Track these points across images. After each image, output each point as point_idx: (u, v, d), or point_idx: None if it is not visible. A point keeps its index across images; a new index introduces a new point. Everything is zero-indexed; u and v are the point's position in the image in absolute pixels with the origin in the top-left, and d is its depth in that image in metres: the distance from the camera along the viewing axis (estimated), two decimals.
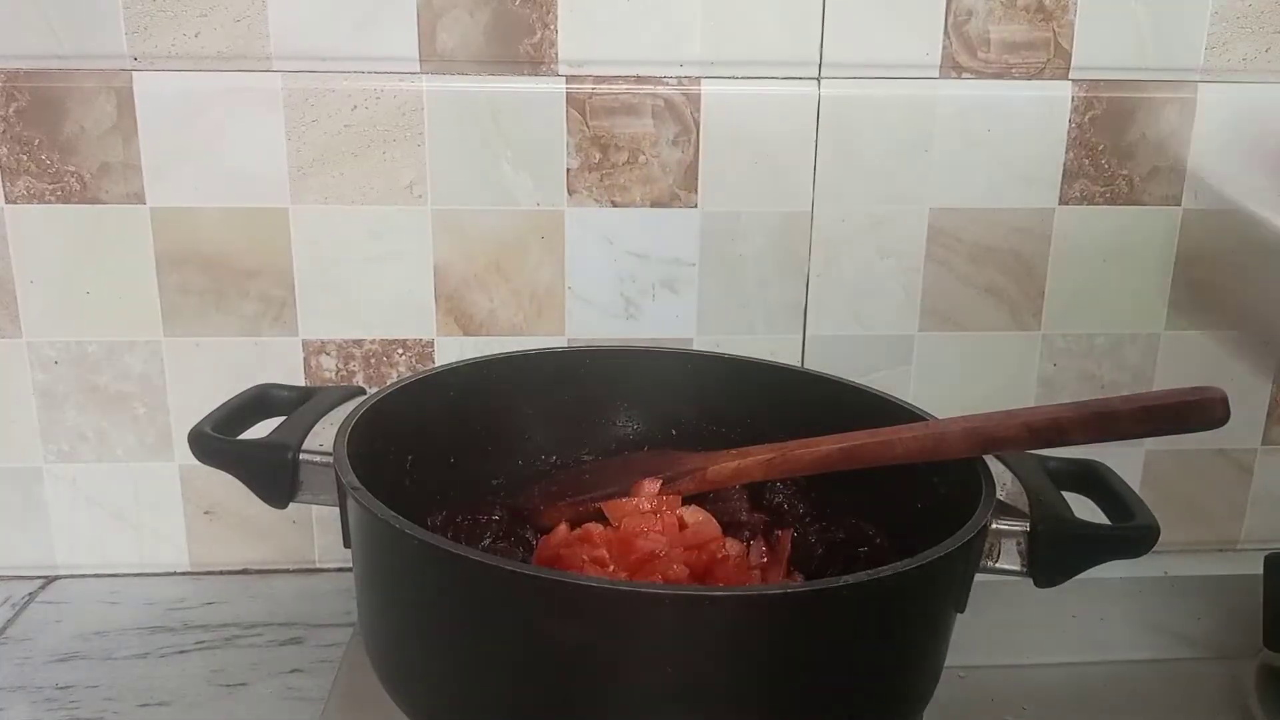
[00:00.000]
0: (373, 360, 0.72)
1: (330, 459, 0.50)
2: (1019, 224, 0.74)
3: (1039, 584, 0.49)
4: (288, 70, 0.67)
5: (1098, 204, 0.74)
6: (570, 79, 0.69)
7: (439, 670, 0.46)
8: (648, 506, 0.59)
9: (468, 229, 0.71)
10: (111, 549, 0.74)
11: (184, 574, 0.75)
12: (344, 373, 0.72)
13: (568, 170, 0.70)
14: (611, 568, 0.54)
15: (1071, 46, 0.71)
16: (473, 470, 0.64)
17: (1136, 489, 0.53)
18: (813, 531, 0.60)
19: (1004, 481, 0.52)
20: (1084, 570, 0.49)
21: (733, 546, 0.58)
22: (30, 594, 0.72)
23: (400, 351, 0.72)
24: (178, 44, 0.66)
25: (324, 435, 0.53)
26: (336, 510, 0.51)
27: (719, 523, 0.59)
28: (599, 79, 0.69)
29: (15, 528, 0.73)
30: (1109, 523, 0.51)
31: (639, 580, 0.53)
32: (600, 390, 0.67)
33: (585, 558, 0.54)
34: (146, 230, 0.69)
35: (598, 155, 0.70)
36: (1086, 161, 0.73)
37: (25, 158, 0.67)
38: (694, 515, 0.59)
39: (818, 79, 0.70)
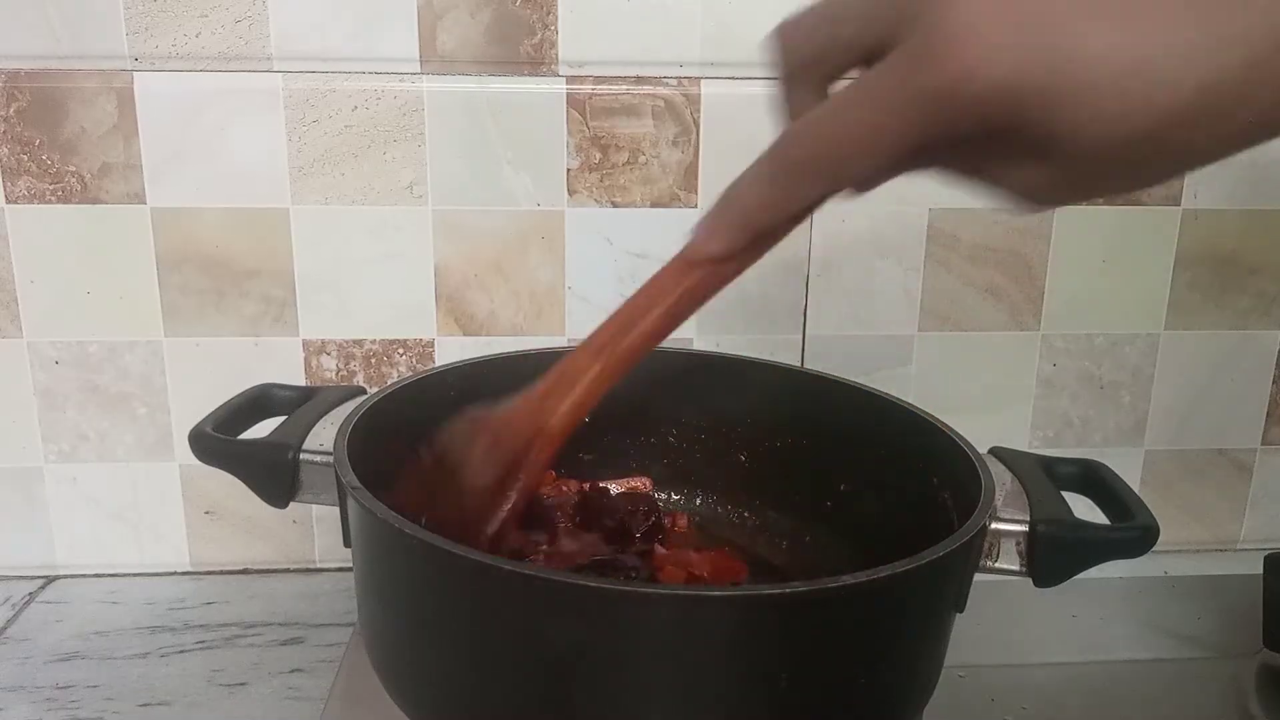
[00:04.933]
0: (373, 360, 0.72)
1: (330, 459, 0.50)
2: (1019, 224, 0.74)
3: (1038, 584, 0.49)
4: (288, 71, 0.67)
5: (1098, 204, 0.74)
6: (570, 79, 0.69)
7: (439, 670, 0.46)
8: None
9: (468, 229, 0.71)
10: (111, 549, 0.74)
11: (184, 574, 0.75)
12: (344, 373, 0.72)
13: (568, 170, 0.70)
14: None
15: None
16: None
17: (1136, 489, 0.53)
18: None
19: (1004, 481, 0.52)
20: (1083, 570, 0.49)
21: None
22: (30, 594, 0.72)
23: (400, 351, 0.72)
24: (178, 44, 0.66)
25: (324, 435, 0.53)
26: (336, 510, 0.51)
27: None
28: (599, 79, 0.69)
29: (15, 528, 0.73)
30: (1108, 523, 0.51)
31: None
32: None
33: None
34: (147, 230, 0.69)
35: (598, 155, 0.70)
36: None
37: (26, 158, 0.67)
38: None
39: None
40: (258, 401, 0.58)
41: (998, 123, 0.30)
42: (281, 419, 0.56)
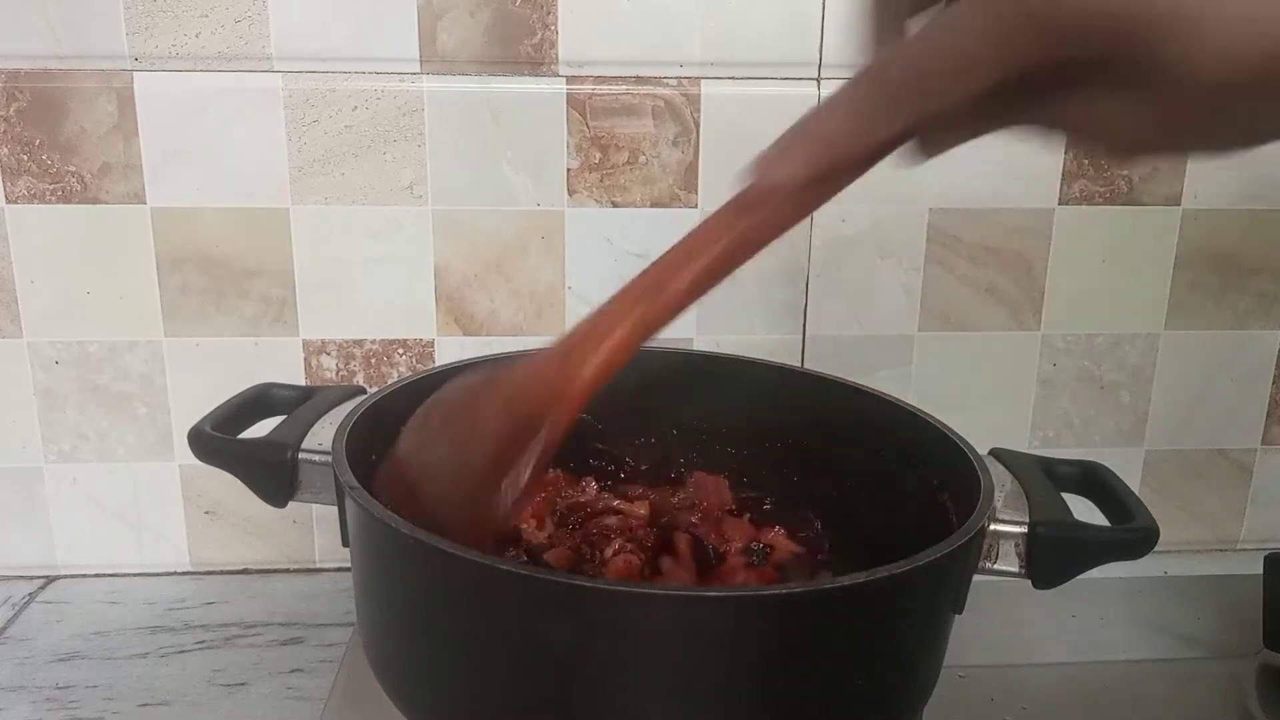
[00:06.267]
0: (373, 360, 0.72)
1: (329, 458, 0.50)
2: (1019, 224, 0.74)
3: (1037, 585, 0.49)
4: (288, 71, 0.67)
5: (1097, 204, 0.74)
6: (570, 79, 0.69)
7: (438, 670, 0.46)
8: None
9: (468, 229, 0.71)
10: (111, 549, 0.74)
11: (184, 574, 0.75)
12: (344, 373, 0.73)
13: (568, 170, 0.70)
14: None
15: None
16: None
17: (1136, 489, 0.53)
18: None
19: (1003, 483, 0.52)
20: (1083, 572, 0.49)
21: None
22: (30, 594, 0.72)
23: (400, 351, 0.72)
24: (178, 44, 0.66)
25: (324, 434, 0.53)
26: (336, 510, 0.51)
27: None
28: (599, 79, 0.69)
29: (15, 528, 0.73)
30: (1108, 524, 0.51)
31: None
32: (600, 390, 0.67)
33: None
34: (147, 230, 0.69)
35: (598, 155, 0.70)
36: (1086, 161, 0.73)
37: (26, 158, 0.67)
38: None
39: (818, 79, 0.70)
40: (257, 401, 0.58)
41: (1097, 51, 0.27)
42: (281, 418, 0.56)
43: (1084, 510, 0.52)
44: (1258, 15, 0.25)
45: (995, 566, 0.49)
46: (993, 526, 0.48)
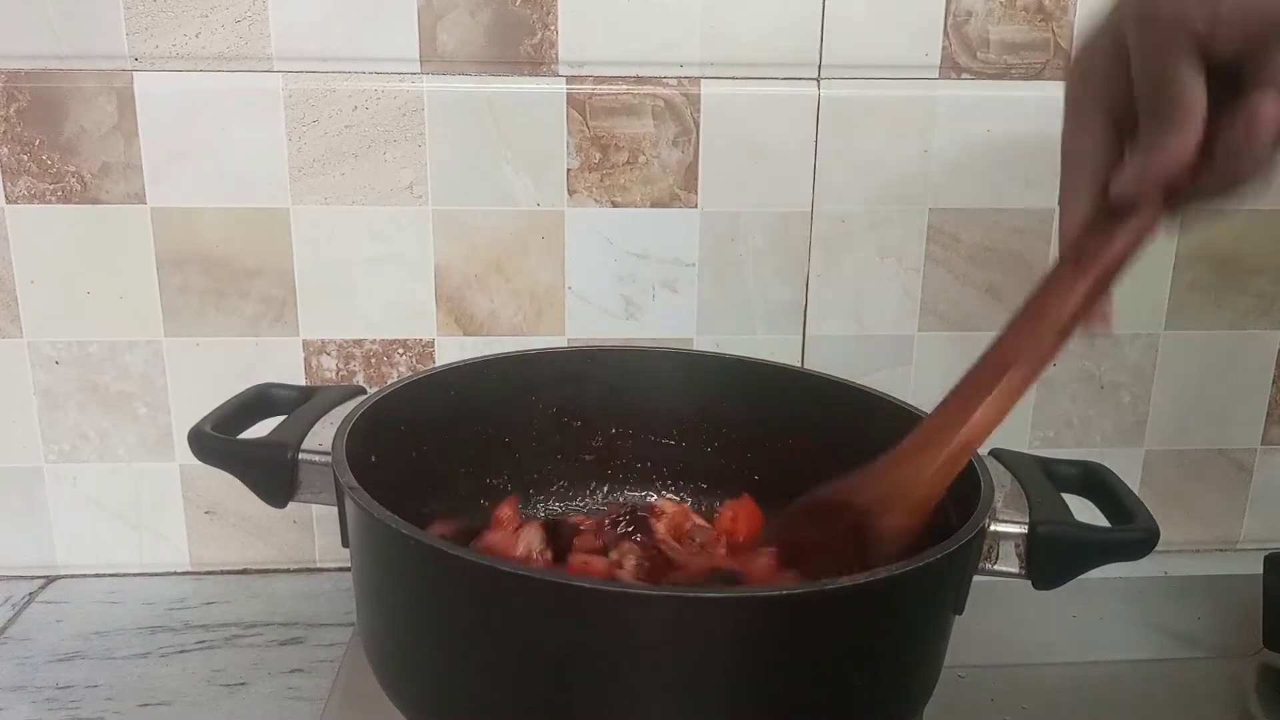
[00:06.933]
0: (373, 360, 0.72)
1: (329, 458, 0.50)
2: (1019, 224, 0.74)
3: (1038, 586, 0.49)
4: (288, 71, 0.67)
5: None
6: (570, 79, 0.69)
7: (438, 670, 0.46)
8: None
9: (468, 229, 0.71)
10: (112, 549, 0.74)
11: (184, 574, 0.75)
12: (344, 373, 0.72)
13: (568, 170, 0.70)
14: None
15: (1071, 46, 0.71)
16: (472, 470, 0.64)
17: (1136, 489, 0.53)
18: None
19: (1003, 483, 0.52)
20: (1083, 573, 0.49)
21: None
22: (30, 594, 0.72)
23: (400, 351, 0.72)
24: (179, 44, 0.66)
25: (324, 435, 0.53)
26: (336, 510, 0.51)
27: None
28: (599, 79, 0.69)
29: (15, 528, 0.73)
30: (1108, 525, 0.51)
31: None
32: (600, 390, 0.67)
33: None
34: (147, 230, 0.69)
35: (598, 155, 0.70)
36: None
37: (26, 158, 0.67)
38: None
39: (818, 79, 0.70)
40: (257, 401, 0.59)
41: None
42: (281, 419, 0.56)
43: (1084, 511, 0.52)
44: None
45: (995, 567, 0.49)
46: (993, 527, 0.48)
